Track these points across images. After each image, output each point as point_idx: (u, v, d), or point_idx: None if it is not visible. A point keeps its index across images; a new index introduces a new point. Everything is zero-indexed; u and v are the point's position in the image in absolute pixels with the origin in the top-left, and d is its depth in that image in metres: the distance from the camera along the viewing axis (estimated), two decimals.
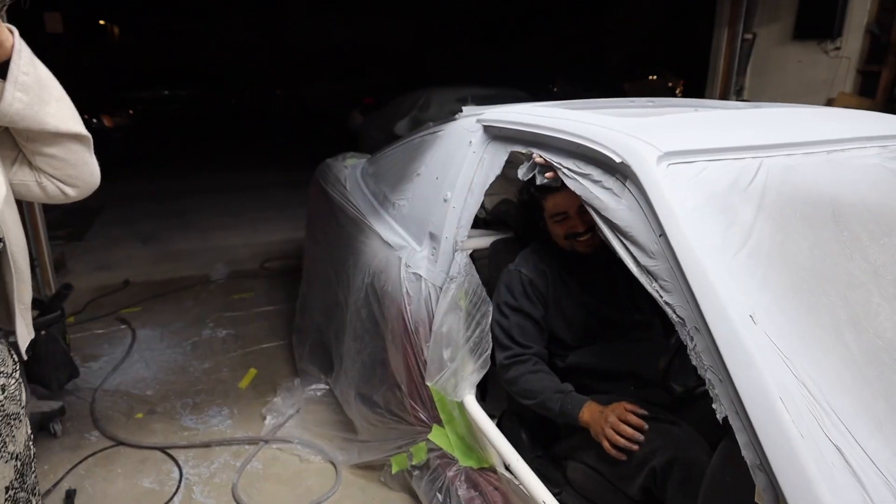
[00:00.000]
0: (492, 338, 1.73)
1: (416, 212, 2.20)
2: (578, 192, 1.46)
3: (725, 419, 1.03)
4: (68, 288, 2.88)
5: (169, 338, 3.54)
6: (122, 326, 3.68)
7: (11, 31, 0.99)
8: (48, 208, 3.85)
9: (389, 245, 2.22)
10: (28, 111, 0.99)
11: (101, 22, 14.12)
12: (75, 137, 1.07)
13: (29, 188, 1.10)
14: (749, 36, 5.43)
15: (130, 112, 10.37)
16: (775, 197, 1.29)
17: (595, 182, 1.43)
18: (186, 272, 4.55)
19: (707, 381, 1.08)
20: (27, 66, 0.99)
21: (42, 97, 1.00)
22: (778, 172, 1.35)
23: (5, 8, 0.91)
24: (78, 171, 1.10)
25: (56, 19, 8.64)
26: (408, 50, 12.66)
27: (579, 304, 1.79)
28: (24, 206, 3.86)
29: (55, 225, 5.20)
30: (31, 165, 1.08)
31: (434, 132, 2.28)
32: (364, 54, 13.20)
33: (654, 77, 11.73)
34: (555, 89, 10.50)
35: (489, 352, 1.72)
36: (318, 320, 2.97)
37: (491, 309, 1.76)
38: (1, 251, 1.05)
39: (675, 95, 10.26)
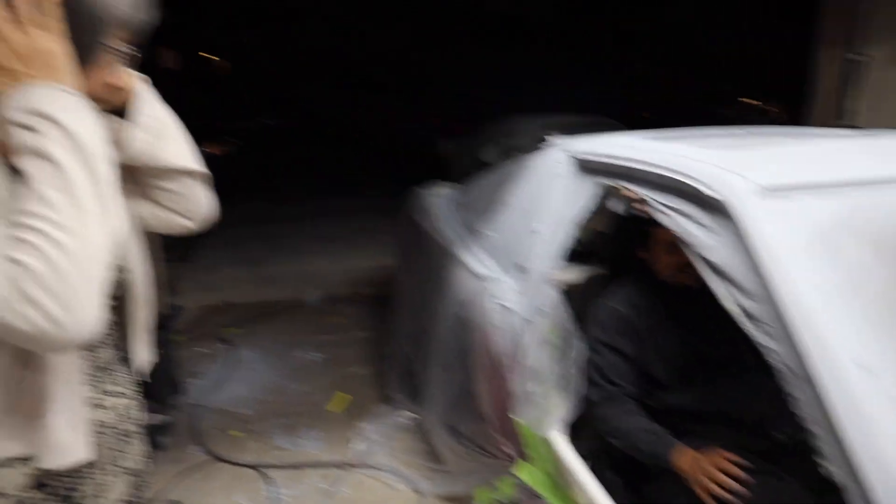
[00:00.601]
0: (583, 375, 1.69)
1: (504, 242, 2.19)
2: (671, 228, 1.42)
3: (833, 478, 0.96)
4: (178, 309, 3.05)
5: (266, 359, 3.67)
6: (224, 346, 3.85)
7: (140, 79, 1.08)
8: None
9: (477, 275, 2.23)
10: (148, 149, 1.06)
11: (214, 58, 15.06)
12: (191, 173, 1.13)
13: (151, 221, 1.18)
14: (859, 56, 5.10)
15: (235, 141, 10.95)
16: (890, 236, 1.20)
17: (689, 218, 1.39)
18: (283, 295, 4.72)
19: (812, 433, 1.01)
20: (149, 107, 1.07)
21: (161, 136, 1.08)
22: (893, 209, 1.26)
23: (132, 59, 0.98)
24: (194, 204, 1.17)
25: (171, 56, 9.34)
26: (492, 75, 12.73)
27: (676, 341, 1.72)
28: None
29: (168, 247, 5.53)
30: (153, 200, 1.15)
31: (522, 163, 2.28)
32: (447, 83, 13.36)
33: (751, 102, 11.26)
34: (647, 116, 10.26)
35: (579, 389, 1.68)
36: (407, 348, 3.01)
37: (582, 345, 1.72)
38: (127, 282, 1.11)
39: (773, 122, 9.79)
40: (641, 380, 1.71)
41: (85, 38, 0.85)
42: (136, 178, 1.14)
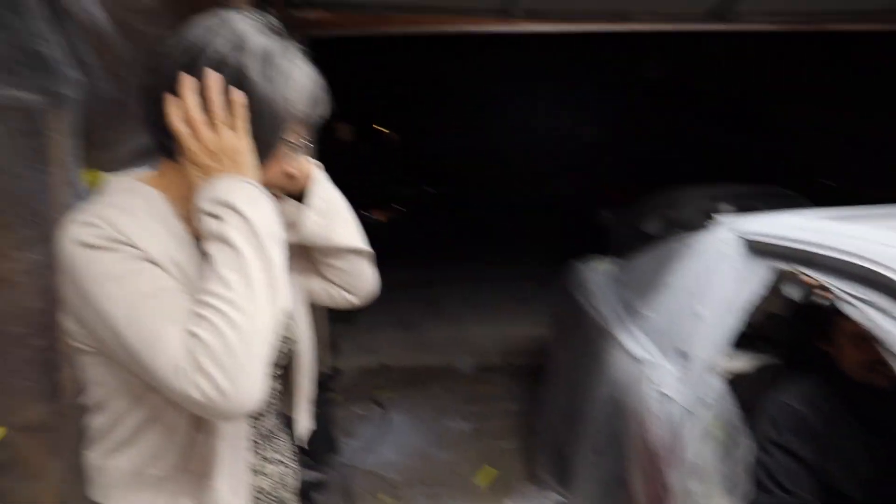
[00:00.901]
0: (753, 478, 1.53)
1: (665, 325, 2.08)
2: (859, 321, 1.27)
3: None
4: (338, 372, 3.21)
5: (416, 424, 3.73)
6: (378, 409, 3.97)
7: (315, 165, 1.17)
8: None
9: (635, 358, 2.12)
10: (321, 231, 1.14)
11: (381, 129, 16.13)
12: (358, 252, 1.20)
13: (320, 295, 1.25)
14: None
15: (398, 207, 11.48)
16: None
17: (882, 311, 1.23)
18: (437, 360, 4.80)
19: None
20: (324, 192, 1.16)
21: (333, 218, 1.16)
22: None
23: (308, 149, 1.06)
24: (359, 281, 1.23)
25: (346, 129, 10.17)
26: (655, 140, 12.35)
27: (862, 448, 1.51)
28: None
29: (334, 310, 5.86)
30: (322, 276, 1.23)
31: (686, 241, 2.18)
32: (603, 148, 13.20)
33: None
34: (831, 184, 9.34)
35: (747, 493, 1.52)
36: (558, 426, 2.91)
37: (750, 443, 1.56)
38: (293, 351, 1.17)
39: None
40: (819, 490, 1.51)
41: (267, 135, 0.94)
42: (308, 255, 1.22)
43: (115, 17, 1.62)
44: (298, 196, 1.15)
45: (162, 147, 0.96)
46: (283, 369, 1.17)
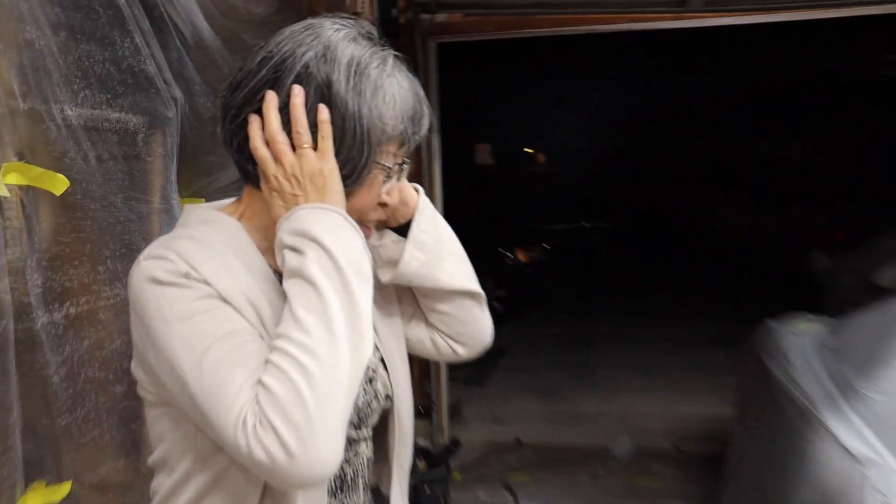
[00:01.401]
0: None
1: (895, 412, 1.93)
2: None
3: None
4: (457, 444, 3.24)
5: None
6: (508, 497, 3.94)
7: (417, 191, 1.20)
8: None
9: (850, 454, 1.99)
10: (424, 269, 1.17)
11: (528, 150, 16.32)
12: (468, 295, 1.22)
13: (423, 345, 1.28)
14: None
15: (545, 245, 11.42)
16: None
17: None
18: (584, 439, 4.72)
19: None
20: (428, 224, 1.18)
21: (439, 254, 1.18)
22: None
23: (405, 170, 1.09)
24: (468, 328, 1.25)
25: (486, 151, 10.38)
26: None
27: None
28: None
29: (455, 365, 5.94)
30: (426, 322, 1.26)
31: None
32: (820, 172, 12.42)
33: None
34: None
35: None
36: None
37: None
38: (388, 410, 1.20)
39: None
40: None
41: (356, 156, 0.98)
42: (409, 298, 1.26)
43: (221, 30, 1.77)
44: (398, 229, 1.19)
45: (245, 173, 1.03)
46: (375, 431, 1.20)
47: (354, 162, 0.99)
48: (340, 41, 0.98)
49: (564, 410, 5.33)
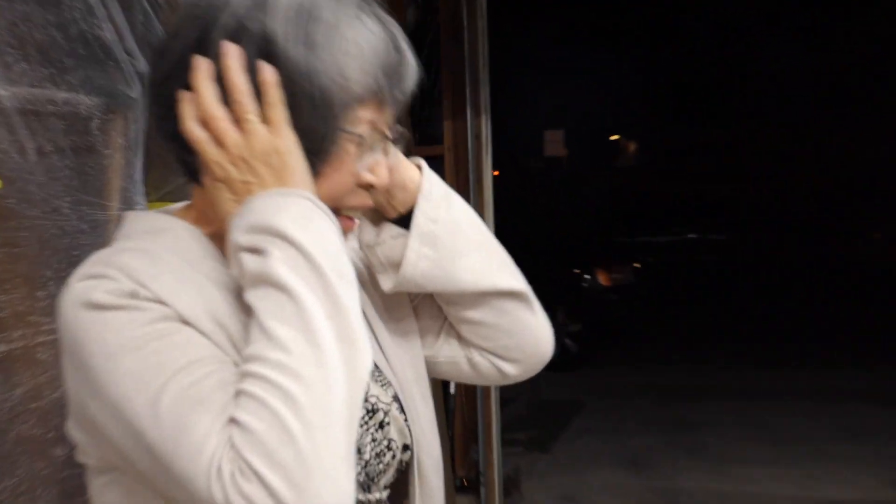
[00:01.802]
0: None
1: None
2: None
3: None
4: None
5: None
6: None
7: (419, 168, 1.13)
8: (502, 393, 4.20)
9: None
10: (437, 270, 1.10)
11: (614, 137, 15.72)
12: (506, 295, 1.14)
13: (458, 367, 1.20)
14: None
15: (636, 265, 10.97)
16: None
17: None
18: None
19: None
20: (436, 209, 1.11)
21: (456, 248, 1.11)
22: None
23: (393, 140, 1.03)
24: (515, 339, 1.17)
25: (557, 139, 10.10)
26: None
27: None
28: (459, 392, 4.35)
29: (513, 425, 5.74)
30: (458, 337, 1.19)
31: None
32: None
33: None
34: None
35: None
36: None
37: None
38: (408, 464, 1.14)
39: None
40: None
41: (317, 124, 0.92)
42: (427, 309, 1.20)
43: None
44: (403, 221, 1.12)
45: (186, 167, 0.98)
46: (392, 493, 1.13)
47: (314, 132, 0.93)
48: None
49: (662, 488, 5.10)
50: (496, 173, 4.32)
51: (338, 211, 0.98)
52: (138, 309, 0.86)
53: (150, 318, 0.86)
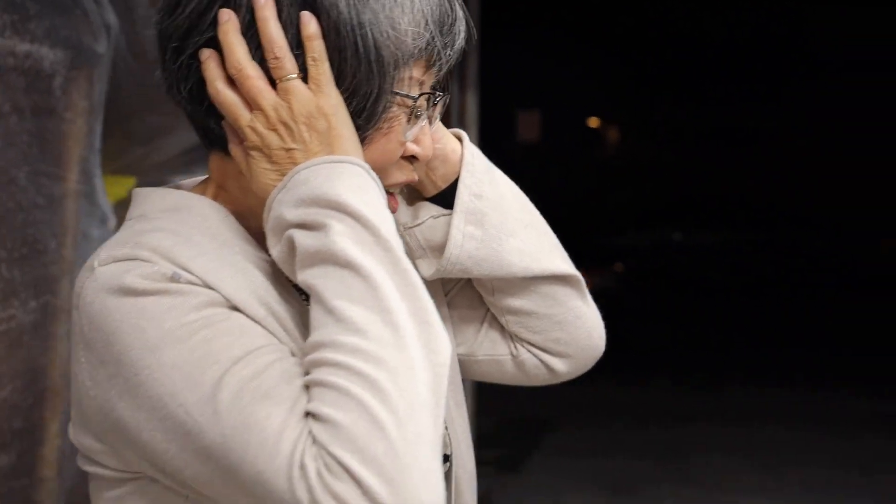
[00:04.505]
0: None
1: None
2: None
3: None
4: None
5: None
6: None
7: (460, 139, 1.06)
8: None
9: None
10: (486, 251, 1.04)
11: (594, 123, 15.34)
12: (559, 280, 1.09)
13: (501, 367, 1.13)
14: None
15: (618, 268, 10.76)
16: None
17: None
18: None
19: None
20: (480, 184, 1.05)
21: (505, 226, 1.05)
22: None
23: (442, 104, 0.97)
24: (568, 331, 1.11)
25: (533, 122, 9.82)
26: None
27: None
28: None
29: (482, 442, 5.55)
30: (502, 331, 1.12)
31: None
32: None
33: None
34: None
35: None
36: None
37: None
38: (446, 473, 1.05)
39: None
40: None
41: (363, 84, 0.86)
42: (466, 300, 1.14)
43: None
44: (439, 199, 1.05)
45: (207, 134, 0.91)
46: None
47: (364, 93, 0.87)
48: None
49: None
50: None
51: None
52: (181, 293, 0.81)
53: (196, 303, 0.81)
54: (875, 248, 12.91)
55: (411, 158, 0.96)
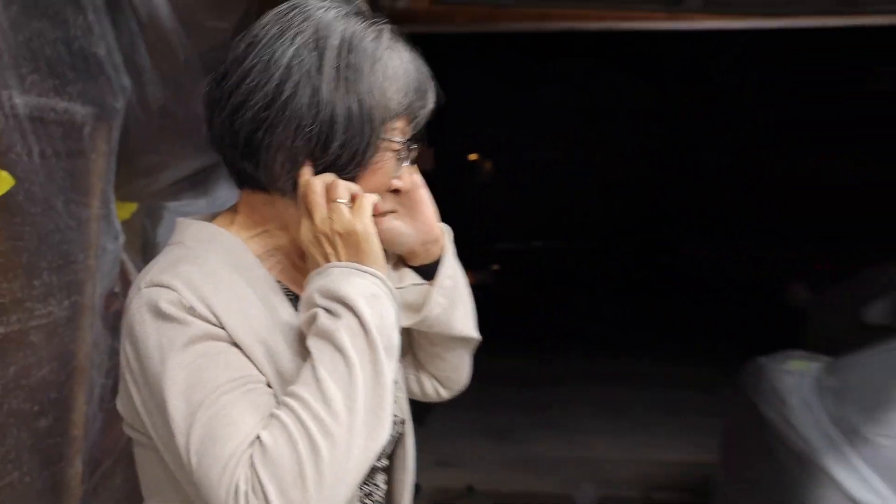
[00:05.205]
0: None
1: None
2: None
3: None
4: (418, 489, 3.24)
5: None
6: None
7: (418, 177, 1.24)
8: None
9: (857, 503, 2.09)
10: (443, 316, 1.23)
11: (473, 157, 16.13)
12: (470, 342, 1.31)
13: (408, 383, 1.35)
14: None
15: (495, 268, 11.28)
16: None
17: None
18: (544, 487, 4.79)
19: None
20: (453, 269, 1.25)
21: (455, 300, 1.25)
22: None
23: (416, 150, 1.15)
24: (457, 373, 1.35)
25: (428, 156, 10.26)
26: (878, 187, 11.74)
27: None
28: None
29: None
30: (415, 361, 1.34)
31: None
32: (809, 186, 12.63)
33: None
34: None
35: None
36: None
37: None
38: (400, 436, 1.26)
39: None
40: None
41: (355, 140, 1.03)
42: (411, 340, 1.32)
43: (180, 10, 1.78)
44: (422, 270, 1.25)
45: (240, 174, 1.07)
46: (390, 459, 1.26)
47: (355, 145, 1.03)
48: (332, 21, 1.03)
49: (521, 455, 5.39)
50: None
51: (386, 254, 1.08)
52: (189, 325, 0.95)
53: (197, 334, 0.95)
54: (690, 249, 13.75)
55: (395, 191, 1.15)
